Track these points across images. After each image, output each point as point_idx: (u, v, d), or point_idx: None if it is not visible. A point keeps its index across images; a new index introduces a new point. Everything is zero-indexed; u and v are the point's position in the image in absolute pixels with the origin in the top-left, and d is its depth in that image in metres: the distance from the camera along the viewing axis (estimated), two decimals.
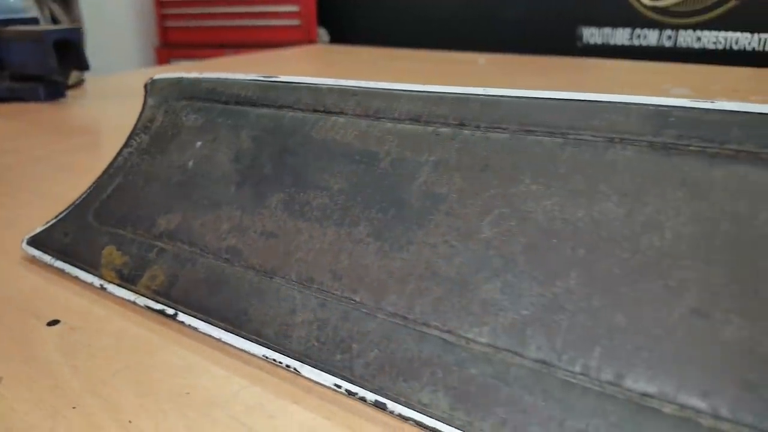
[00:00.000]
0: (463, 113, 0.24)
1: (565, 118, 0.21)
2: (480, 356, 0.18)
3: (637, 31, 1.53)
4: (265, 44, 1.48)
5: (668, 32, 1.50)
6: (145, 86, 0.35)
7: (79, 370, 0.22)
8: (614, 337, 0.17)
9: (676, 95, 0.67)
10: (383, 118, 0.25)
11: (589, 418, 0.16)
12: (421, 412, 0.18)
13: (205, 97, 0.31)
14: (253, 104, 0.29)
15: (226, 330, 0.23)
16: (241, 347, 0.22)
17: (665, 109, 0.20)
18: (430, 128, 0.24)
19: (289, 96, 0.28)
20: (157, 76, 0.35)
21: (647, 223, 0.18)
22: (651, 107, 0.20)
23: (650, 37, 1.52)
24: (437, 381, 0.18)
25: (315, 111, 0.27)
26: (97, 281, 0.27)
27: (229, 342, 0.22)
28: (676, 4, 1.48)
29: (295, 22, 1.81)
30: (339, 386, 0.20)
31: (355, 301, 0.21)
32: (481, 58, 0.96)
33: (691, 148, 0.19)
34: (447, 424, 0.17)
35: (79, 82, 0.80)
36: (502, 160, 0.22)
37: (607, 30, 1.56)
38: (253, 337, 0.22)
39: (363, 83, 0.27)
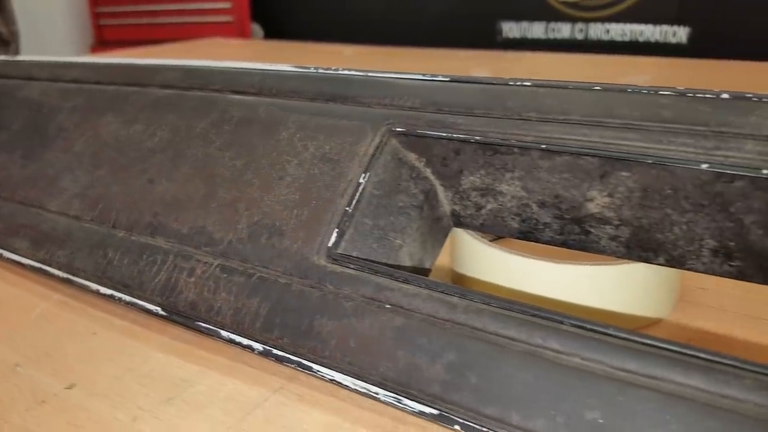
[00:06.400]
0: (101, 75, 0.35)
1: (145, 74, 0.33)
2: (48, 218, 0.30)
3: (552, 24, 1.61)
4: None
5: (580, 26, 1.58)
6: None
7: None
8: (110, 198, 0.28)
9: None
10: (60, 81, 0.37)
11: (104, 249, 0.27)
12: (15, 254, 0.30)
13: None
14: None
15: None
16: None
17: (193, 67, 0.32)
18: (87, 86, 0.35)
19: (14, 70, 0.39)
20: None
21: (149, 133, 0.30)
22: (188, 67, 0.32)
23: (564, 31, 1.60)
24: (26, 234, 0.30)
25: (28, 79, 0.38)
26: None
27: None
28: None
29: (227, 18, 1.91)
30: None
31: (4, 198, 0.32)
32: (348, 50, 1.08)
33: (192, 89, 0.31)
34: (25, 257, 0.29)
35: None
36: (108, 104, 0.33)
37: (525, 24, 1.64)
38: None
39: (73, 59, 0.38)
